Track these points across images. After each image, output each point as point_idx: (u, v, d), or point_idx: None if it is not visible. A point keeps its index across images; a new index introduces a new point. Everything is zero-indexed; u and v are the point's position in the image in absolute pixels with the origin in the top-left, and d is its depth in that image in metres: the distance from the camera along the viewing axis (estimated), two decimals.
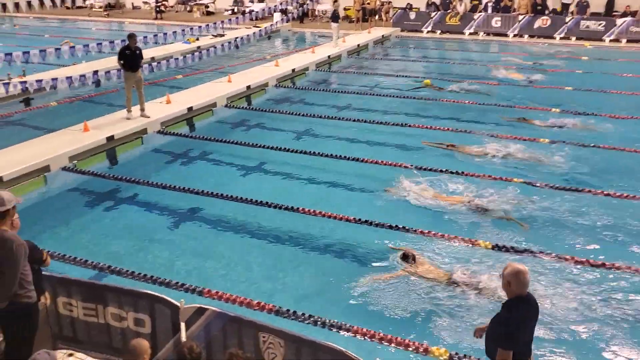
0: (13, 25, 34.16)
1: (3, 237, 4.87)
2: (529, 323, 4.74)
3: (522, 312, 4.65)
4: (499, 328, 4.64)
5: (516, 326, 4.59)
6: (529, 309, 4.71)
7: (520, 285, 4.60)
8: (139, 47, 13.79)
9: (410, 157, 12.35)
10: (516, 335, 4.59)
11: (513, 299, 4.66)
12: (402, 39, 29.32)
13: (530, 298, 4.74)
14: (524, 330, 4.68)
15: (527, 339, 4.77)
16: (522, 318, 4.65)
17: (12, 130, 14.43)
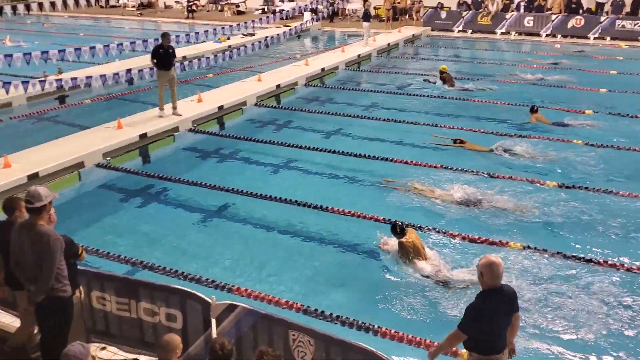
0: (42, 24, 34.72)
1: (40, 231, 4.99)
2: (501, 314, 4.82)
3: (494, 303, 4.75)
4: (465, 312, 4.81)
5: (477, 315, 4.72)
6: (501, 300, 4.80)
7: (492, 276, 4.71)
8: (171, 46, 13.96)
9: (440, 157, 12.30)
10: (473, 323, 4.72)
11: (486, 290, 4.79)
12: (433, 38, 29.11)
13: (505, 290, 4.84)
14: (493, 323, 4.77)
15: (498, 329, 4.84)
16: (492, 310, 4.74)
17: (47, 127, 14.75)
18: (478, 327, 4.74)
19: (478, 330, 4.74)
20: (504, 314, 4.86)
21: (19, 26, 32.89)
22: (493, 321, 4.78)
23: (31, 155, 11.56)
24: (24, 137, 13.48)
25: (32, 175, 10.71)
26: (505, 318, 4.89)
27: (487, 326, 4.75)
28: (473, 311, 4.76)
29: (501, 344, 4.91)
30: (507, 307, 4.88)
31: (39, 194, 5.01)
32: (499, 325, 4.84)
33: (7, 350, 6.18)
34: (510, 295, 4.90)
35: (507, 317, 4.91)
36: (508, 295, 4.87)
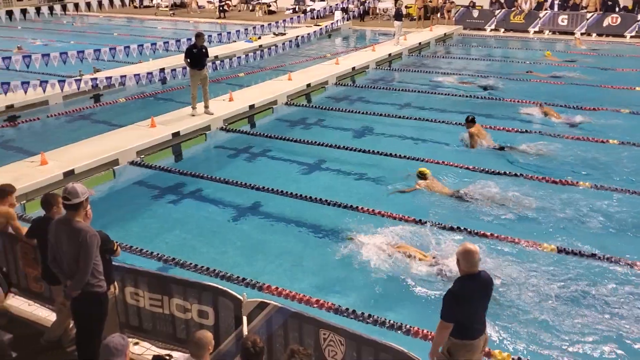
0: (73, 24, 35.30)
1: (77, 227, 5.09)
2: (477, 300, 4.95)
3: (469, 289, 4.90)
4: (443, 300, 4.91)
5: (455, 300, 4.83)
6: (476, 287, 4.93)
7: (468, 264, 4.88)
8: (205, 45, 14.09)
9: (468, 157, 12.19)
10: (453, 309, 4.83)
11: (462, 276, 4.96)
12: (465, 37, 28.84)
13: (481, 276, 4.96)
14: (470, 306, 4.89)
15: (474, 315, 4.95)
16: (468, 295, 4.88)
17: (83, 125, 15.03)
18: (458, 313, 4.85)
19: (458, 315, 4.86)
20: (480, 299, 5.00)
21: (55, 26, 33.60)
22: (470, 306, 4.90)
23: (67, 153, 11.79)
24: (60, 135, 13.76)
25: (68, 172, 10.93)
26: (481, 303, 5.02)
27: (465, 311, 4.87)
28: (451, 297, 4.87)
29: (477, 330, 5.01)
30: (484, 293, 5.02)
31: (76, 190, 5.11)
32: (476, 310, 4.97)
33: (43, 344, 6.32)
34: (487, 281, 5.02)
35: (484, 302, 5.04)
36: (484, 281, 4.99)
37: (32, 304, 7.10)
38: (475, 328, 4.97)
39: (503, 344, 6.57)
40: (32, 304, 7.10)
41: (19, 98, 15.13)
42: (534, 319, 7.02)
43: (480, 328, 5.02)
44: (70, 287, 5.20)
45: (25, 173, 10.64)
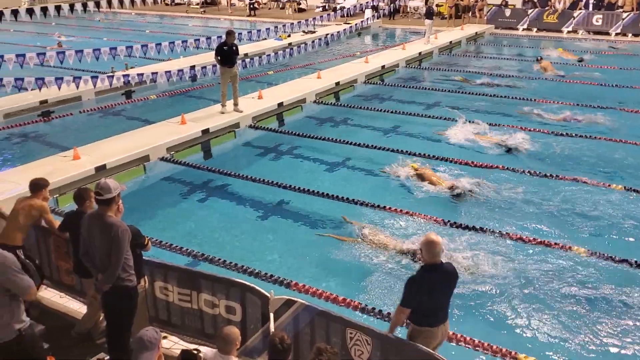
0: (99, 20, 35.70)
1: (109, 222, 5.17)
2: (437, 290, 5.08)
3: (431, 278, 5.03)
4: (404, 286, 5.09)
5: (413, 287, 5.01)
6: (438, 277, 5.06)
7: (429, 254, 5.02)
8: (235, 43, 14.17)
9: (500, 158, 12.05)
10: (411, 295, 5.00)
11: (425, 265, 5.11)
12: (497, 36, 28.48)
13: (444, 267, 5.11)
14: (429, 295, 5.03)
15: (434, 304, 5.10)
16: (428, 284, 5.01)
17: (114, 121, 15.26)
18: (416, 300, 5.00)
19: (417, 302, 5.01)
20: (441, 289, 5.12)
21: (89, 22, 34.16)
22: (430, 295, 5.04)
23: (99, 148, 11.98)
24: (92, 130, 13.99)
25: (100, 167, 11.11)
26: (443, 294, 5.15)
27: (424, 299, 5.01)
28: (411, 284, 5.04)
29: (437, 319, 5.14)
30: (446, 284, 5.14)
31: (109, 186, 5.18)
32: (436, 300, 5.10)
33: (74, 336, 6.44)
34: (449, 273, 5.17)
35: (446, 293, 5.17)
36: (447, 273, 5.14)
37: (63, 296, 7.24)
38: (434, 317, 5.12)
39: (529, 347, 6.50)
40: (63, 296, 7.25)
41: (53, 93, 15.40)
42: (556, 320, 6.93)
43: (440, 317, 5.16)
44: (101, 281, 5.28)
45: (58, 167, 10.84)
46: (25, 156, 12.30)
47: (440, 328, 5.17)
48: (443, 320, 5.20)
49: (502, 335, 6.79)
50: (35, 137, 14.16)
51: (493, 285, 7.66)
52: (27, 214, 6.59)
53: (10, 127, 14.42)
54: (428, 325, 5.11)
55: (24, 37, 27.90)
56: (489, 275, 7.82)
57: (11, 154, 12.91)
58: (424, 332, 5.10)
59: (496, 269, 7.97)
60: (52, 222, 6.74)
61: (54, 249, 7.12)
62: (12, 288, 4.11)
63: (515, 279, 7.78)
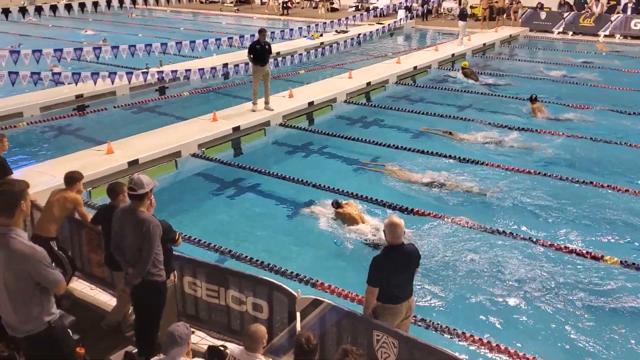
0: (128, 15, 36.01)
1: (141, 217, 5.24)
2: (399, 269, 5.39)
3: (393, 258, 5.36)
4: (369, 266, 5.38)
5: (377, 267, 5.30)
6: (399, 257, 5.38)
7: (391, 235, 5.36)
8: (268, 42, 14.24)
9: (529, 162, 11.90)
10: (376, 274, 5.30)
11: (387, 246, 5.44)
12: (531, 39, 28.05)
13: (405, 248, 5.44)
14: (392, 274, 5.33)
15: (396, 282, 5.39)
16: (390, 263, 5.33)
17: (148, 117, 15.48)
18: (381, 278, 5.30)
19: (380, 281, 5.32)
20: (403, 269, 5.42)
21: (124, 19, 34.66)
22: (392, 273, 5.34)
23: (132, 143, 12.16)
24: (126, 125, 14.20)
25: (133, 161, 11.27)
26: (405, 273, 5.44)
27: (386, 277, 5.31)
28: (373, 264, 5.34)
29: (399, 297, 5.45)
30: (407, 264, 5.44)
31: (142, 182, 5.25)
32: (398, 278, 5.39)
33: (104, 328, 6.55)
34: (411, 253, 5.49)
35: (408, 272, 5.46)
36: (408, 253, 5.46)
37: (94, 288, 7.37)
38: (397, 294, 5.43)
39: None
40: (94, 288, 7.38)
41: (89, 88, 15.66)
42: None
43: (403, 295, 5.46)
44: (131, 275, 5.36)
45: (92, 161, 11.03)
46: (61, 149, 12.55)
47: (404, 305, 5.48)
48: (407, 297, 5.51)
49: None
50: (70, 131, 14.44)
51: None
52: (62, 206, 6.72)
53: (46, 120, 14.73)
54: (392, 303, 5.43)
55: (62, 32, 28.45)
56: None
57: (47, 147, 13.17)
58: (388, 309, 5.43)
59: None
60: (85, 215, 6.86)
61: (86, 241, 7.25)
62: (42, 281, 4.18)
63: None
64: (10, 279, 4.15)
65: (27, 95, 15.57)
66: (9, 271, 4.12)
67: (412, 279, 5.52)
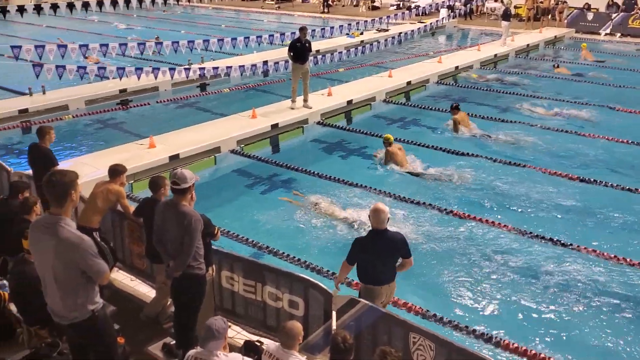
0: (163, 11, 36.32)
1: (183, 211, 5.31)
2: (381, 253, 5.72)
3: (375, 242, 5.72)
4: (350, 246, 5.85)
5: (358, 247, 5.78)
6: (381, 241, 5.70)
7: (375, 221, 5.71)
8: (308, 40, 14.27)
9: (568, 167, 11.67)
10: (354, 254, 5.81)
11: (371, 230, 5.77)
12: (577, 41, 27.39)
13: (388, 234, 5.73)
14: (372, 256, 5.72)
15: (376, 264, 5.75)
16: (371, 246, 5.71)
17: (189, 112, 15.69)
18: (359, 259, 5.78)
19: (360, 261, 5.79)
20: (385, 253, 5.74)
21: (168, 15, 35.18)
22: (372, 256, 5.71)
23: (173, 138, 12.35)
24: (168, 120, 14.43)
25: (174, 156, 11.45)
26: (386, 257, 5.76)
27: (366, 259, 5.74)
28: (355, 245, 5.80)
29: (380, 279, 5.77)
30: (389, 249, 5.73)
31: (185, 176, 5.33)
32: (378, 261, 5.74)
33: (142, 319, 6.67)
34: (393, 239, 5.74)
35: (389, 257, 5.78)
36: (391, 239, 5.72)
37: (134, 279, 7.51)
38: (377, 276, 5.78)
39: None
40: (134, 279, 7.52)
41: (132, 83, 15.96)
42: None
43: (384, 278, 5.79)
44: (172, 267, 5.44)
45: (135, 154, 11.25)
46: (104, 142, 12.85)
47: (385, 288, 5.80)
48: (388, 282, 5.82)
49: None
50: (113, 124, 14.75)
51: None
52: (105, 198, 6.86)
53: (91, 113, 15.06)
54: (373, 284, 5.77)
55: (107, 28, 29.05)
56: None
57: (91, 139, 13.47)
58: (369, 289, 5.78)
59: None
60: (128, 207, 7.00)
61: (128, 233, 7.39)
62: (88, 271, 4.27)
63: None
64: (59, 267, 4.25)
65: (73, 89, 15.92)
66: (58, 259, 4.22)
67: (393, 264, 5.82)
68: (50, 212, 4.30)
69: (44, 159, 8.16)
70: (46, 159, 8.17)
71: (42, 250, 4.29)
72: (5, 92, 16.83)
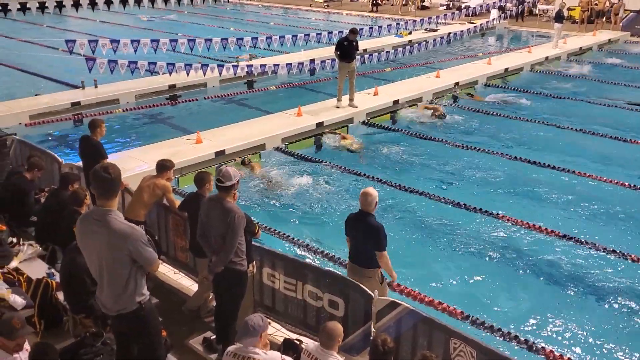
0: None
1: (227, 208, 5.37)
2: (357, 235, 6.05)
3: (353, 220, 6.07)
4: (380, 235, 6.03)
5: (346, 223, 6.20)
6: (360, 224, 6.00)
7: (361, 202, 6.00)
8: (356, 39, 14.20)
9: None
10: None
11: (359, 210, 6.05)
12: (632, 44, 26.51)
13: (367, 218, 5.92)
14: (352, 237, 6.13)
15: (355, 246, 6.11)
16: (354, 227, 6.06)
17: (235, 109, 15.85)
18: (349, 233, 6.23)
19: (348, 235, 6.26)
20: (360, 235, 6.03)
21: (219, 12, 35.64)
22: (352, 234, 6.14)
23: (220, 134, 12.50)
24: (214, 117, 14.60)
25: (220, 152, 11.59)
26: (361, 240, 6.03)
27: (350, 234, 6.19)
28: (346, 220, 6.17)
29: (355, 259, 6.16)
30: (364, 233, 5.99)
31: (229, 174, 5.40)
32: (355, 241, 6.12)
33: (184, 312, 6.76)
34: (370, 225, 5.92)
35: (363, 241, 6.02)
36: (368, 224, 5.94)
37: (177, 273, 7.62)
38: (353, 255, 6.14)
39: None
40: (177, 272, 7.62)
41: (181, 79, 16.22)
42: None
43: (357, 260, 6.08)
44: (215, 262, 5.50)
45: (182, 149, 11.43)
46: (153, 136, 13.08)
47: (357, 270, 6.08)
48: (360, 265, 6.07)
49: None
50: (162, 119, 15.02)
51: None
52: (152, 192, 6.99)
53: (140, 108, 15.38)
54: (350, 261, 6.21)
55: (157, 24, 29.62)
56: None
57: (140, 133, 13.76)
58: (348, 266, 6.26)
59: None
60: (173, 201, 7.11)
61: (172, 226, 7.50)
62: (140, 259, 4.36)
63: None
64: (110, 258, 4.35)
65: (124, 83, 16.28)
66: (110, 250, 4.32)
67: (369, 252, 5.95)
68: (99, 205, 4.40)
69: (94, 152, 8.34)
70: (96, 151, 8.35)
71: (94, 242, 4.38)
72: (60, 85, 17.33)
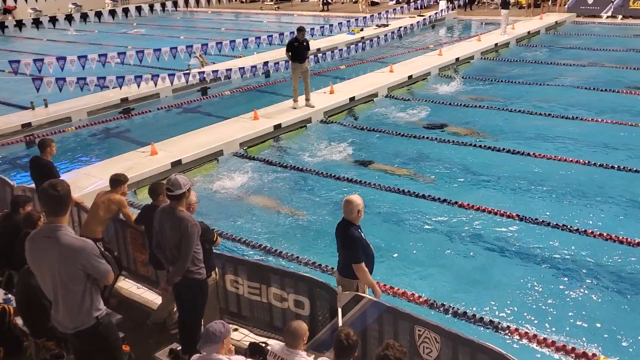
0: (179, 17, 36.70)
1: (179, 217, 5.29)
2: (337, 242, 5.91)
3: (337, 227, 5.89)
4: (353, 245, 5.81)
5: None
6: (339, 230, 5.84)
7: (344, 211, 5.77)
8: (306, 39, 14.21)
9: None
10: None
11: (341, 219, 5.85)
12: (578, 25, 27.18)
13: (345, 225, 5.75)
14: (337, 243, 5.94)
15: (339, 253, 5.94)
16: (336, 234, 5.90)
17: (190, 117, 15.68)
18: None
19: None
20: (339, 242, 5.89)
21: (170, 21, 35.28)
22: (337, 241, 5.98)
23: (175, 144, 12.35)
24: (170, 127, 14.40)
25: (176, 162, 11.45)
26: (339, 247, 5.90)
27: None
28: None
29: (338, 265, 5.94)
30: (340, 240, 5.84)
31: (179, 182, 5.30)
32: (338, 247, 5.95)
33: (150, 325, 6.66)
34: (345, 232, 5.73)
35: (340, 248, 5.88)
36: (343, 231, 5.75)
37: (140, 287, 7.50)
38: (339, 265, 5.92)
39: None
40: (140, 286, 7.51)
41: (133, 91, 15.99)
42: None
43: (339, 267, 5.92)
44: (172, 273, 5.43)
45: (137, 162, 11.27)
46: (107, 151, 12.86)
47: (338, 277, 5.91)
48: (340, 273, 5.89)
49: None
50: (116, 133, 14.77)
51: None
52: (107, 208, 6.88)
53: (94, 124, 15.09)
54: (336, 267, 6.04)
55: (106, 37, 29.13)
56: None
57: (94, 150, 13.50)
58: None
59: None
60: (130, 215, 7.00)
61: (131, 240, 7.38)
62: (93, 272, 4.30)
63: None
64: (63, 274, 4.26)
65: (75, 100, 15.95)
66: (62, 266, 4.23)
67: (346, 260, 5.74)
68: (49, 222, 4.30)
69: (46, 172, 8.11)
70: (47, 171, 8.13)
71: (45, 260, 4.29)
72: (8, 107, 16.87)
